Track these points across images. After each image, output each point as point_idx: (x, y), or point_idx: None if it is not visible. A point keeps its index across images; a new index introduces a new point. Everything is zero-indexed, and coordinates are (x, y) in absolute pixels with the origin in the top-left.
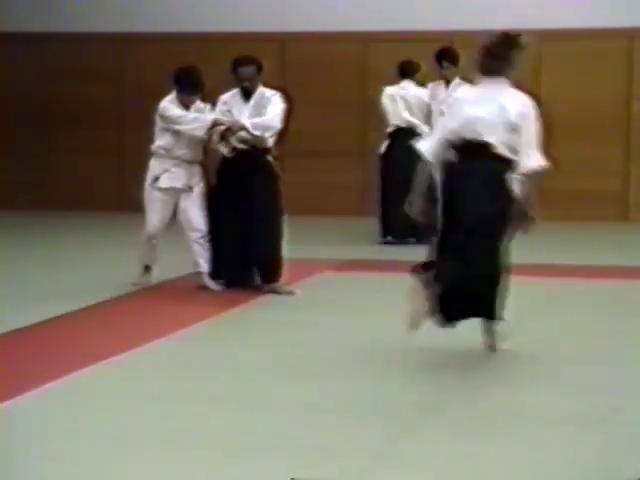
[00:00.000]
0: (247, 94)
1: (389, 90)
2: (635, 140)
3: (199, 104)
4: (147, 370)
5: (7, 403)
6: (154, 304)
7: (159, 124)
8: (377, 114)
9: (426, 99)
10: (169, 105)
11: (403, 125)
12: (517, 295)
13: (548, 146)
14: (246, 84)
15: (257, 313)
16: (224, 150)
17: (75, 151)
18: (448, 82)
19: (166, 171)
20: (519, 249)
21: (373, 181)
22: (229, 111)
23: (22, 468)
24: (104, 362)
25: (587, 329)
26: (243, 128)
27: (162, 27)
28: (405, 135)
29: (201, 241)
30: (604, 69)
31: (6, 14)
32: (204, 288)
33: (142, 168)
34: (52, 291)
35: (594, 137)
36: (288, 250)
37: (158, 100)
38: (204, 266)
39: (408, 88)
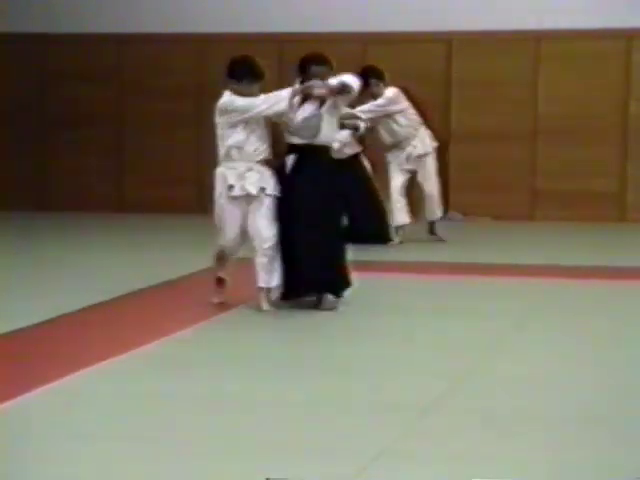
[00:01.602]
0: None
1: None
2: (633, 141)
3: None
4: (147, 370)
5: (7, 403)
6: (154, 305)
7: (225, 122)
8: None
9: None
10: (232, 97)
11: None
12: (516, 296)
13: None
14: None
15: (256, 313)
16: (311, 107)
17: (74, 152)
18: (375, 97)
19: (240, 178)
20: (518, 249)
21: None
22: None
23: (22, 468)
24: (104, 362)
25: (586, 330)
26: (325, 86)
27: (161, 28)
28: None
29: (269, 253)
30: (602, 70)
31: (6, 15)
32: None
33: (141, 169)
34: (51, 292)
35: (592, 138)
36: None
37: (157, 100)
38: (268, 281)
39: None
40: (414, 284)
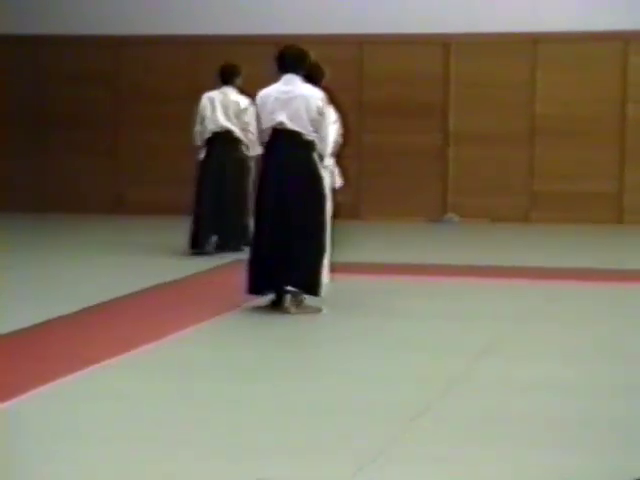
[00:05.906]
0: None
1: (208, 94)
2: (630, 142)
3: None
4: (146, 371)
5: (7, 403)
6: (153, 305)
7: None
8: (373, 115)
9: (243, 105)
10: None
11: (219, 130)
12: (514, 298)
13: (543, 149)
14: None
15: (256, 314)
16: None
17: (71, 153)
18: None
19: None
20: (516, 251)
21: (370, 183)
22: None
23: (22, 468)
24: (103, 363)
25: (585, 331)
26: None
27: (157, 30)
28: (222, 140)
29: None
30: (599, 72)
31: (2, 16)
32: None
33: (138, 170)
34: (51, 292)
35: (589, 139)
36: None
37: (154, 101)
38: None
39: (228, 93)
40: (411, 286)
